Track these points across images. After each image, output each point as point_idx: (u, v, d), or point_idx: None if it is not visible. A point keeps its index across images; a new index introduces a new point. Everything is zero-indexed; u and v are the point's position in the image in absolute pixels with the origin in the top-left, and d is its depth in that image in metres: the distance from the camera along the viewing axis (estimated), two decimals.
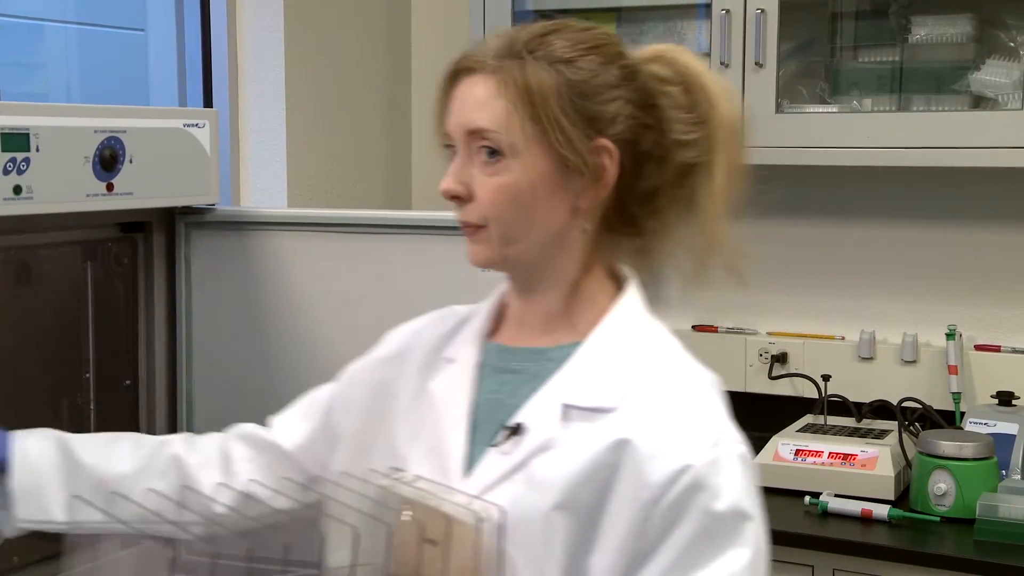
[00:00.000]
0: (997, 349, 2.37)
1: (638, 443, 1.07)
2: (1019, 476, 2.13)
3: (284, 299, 1.55)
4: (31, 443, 1.28)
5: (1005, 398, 2.26)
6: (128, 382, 1.62)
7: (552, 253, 1.15)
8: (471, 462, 1.15)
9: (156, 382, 1.62)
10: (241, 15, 2.55)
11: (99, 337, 1.60)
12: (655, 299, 1.28)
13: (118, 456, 1.30)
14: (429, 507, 1.12)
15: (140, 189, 1.54)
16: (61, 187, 1.44)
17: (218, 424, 1.57)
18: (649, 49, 1.19)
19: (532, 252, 1.14)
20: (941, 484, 2.02)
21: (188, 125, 1.62)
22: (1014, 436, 2.15)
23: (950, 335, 2.36)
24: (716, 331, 2.60)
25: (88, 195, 1.48)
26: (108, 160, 1.49)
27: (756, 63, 2.24)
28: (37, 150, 1.40)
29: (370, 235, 1.51)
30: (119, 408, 1.61)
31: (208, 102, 2.56)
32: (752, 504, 1.08)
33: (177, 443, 1.32)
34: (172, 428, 1.63)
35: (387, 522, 1.12)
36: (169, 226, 1.64)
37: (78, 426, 1.59)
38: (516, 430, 1.13)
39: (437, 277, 1.46)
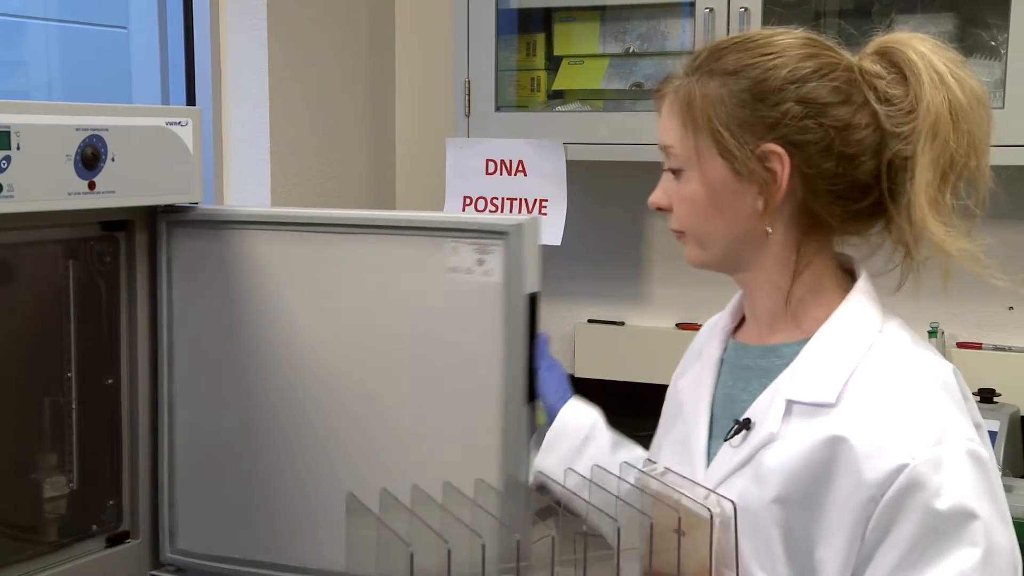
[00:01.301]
0: (979, 346, 2.39)
1: (854, 441, 1.10)
2: (1001, 473, 2.14)
3: (265, 298, 1.55)
4: (579, 407, 1.38)
5: (987, 395, 2.27)
6: (110, 380, 1.61)
7: (749, 255, 1.21)
8: (710, 455, 1.23)
9: (138, 380, 1.62)
10: (224, 13, 2.55)
11: (81, 336, 1.59)
12: (637, 296, 1.32)
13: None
14: (674, 500, 1.17)
15: (122, 188, 1.53)
16: (42, 185, 1.43)
17: (200, 425, 1.57)
18: (874, 41, 1.21)
19: (728, 255, 1.22)
20: None
21: (171, 123, 1.61)
22: (995, 433, 2.16)
23: (932, 333, 2.37)
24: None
25: (70, 193, 1.47)
26: (90, 158, 1.48)
27: None
28: (18, 148, 1.39)
29: (352, 235, 1.51)
30: (101, 406, 1.61)
31: (191, 100, 2.56)
32: (982, 502, 1.08)
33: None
34: (154, 427, 1.63)
35: (640, 511, 1.17)
36: (151, 225, 1.63)
37: (60, 424, 1.58)
38: (745, 425, 1.19)
39: (417, 277, 1.46)
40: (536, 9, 2.54)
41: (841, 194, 1.17)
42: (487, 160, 2.51)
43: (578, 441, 1.35)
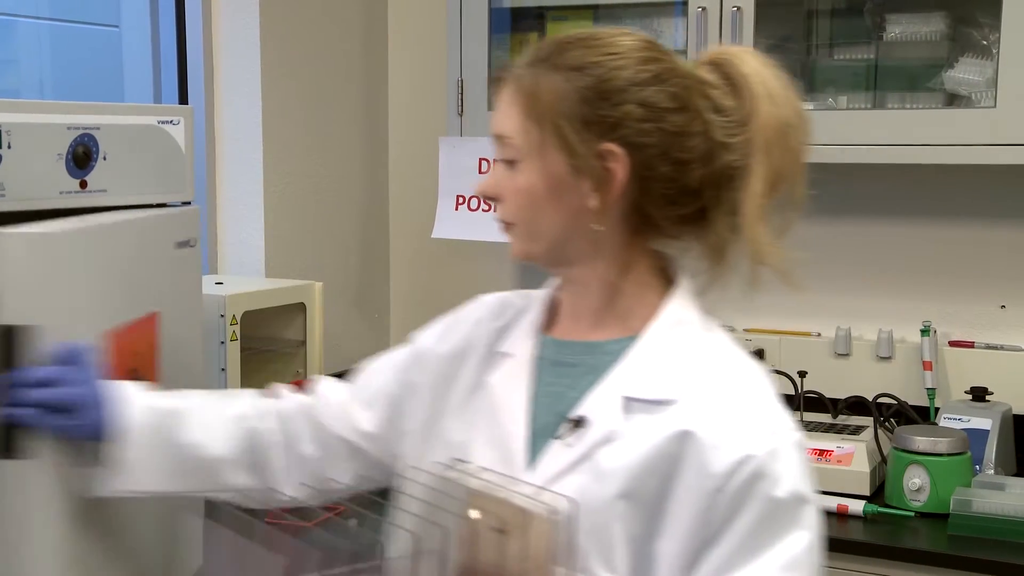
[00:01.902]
0: (971, 345, 2.39)
1: (700, 434, 1.12)
2: (992, 471, 2.14)
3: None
4: (136, 414, 1.31)
5: (979, 394, 2.28)
6: None
7: (577, 251, 1.20)
8: (533, 454, 1.19)
9: None
10: (217, 11, 2.54)
11: None
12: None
13: (216, 440, 1.34)
14: (498, 498, 1.14)
15: (114, 187, 1.53)
16: (34, 184, 1.43)
17: None
18: (708, 52, 1.22)
19: (556, 249, 1.20)
20: (916, 479, 2.03)
21: (163, 122, 1.61)
22: (988, 431, 2.17)
23: (925, 331, 2.38)
24: None
25: (61, 192, 1.47)
26: (81, 157, 1.48)
27: None
28: (9, 147, 1.39)
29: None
30: None
31: (183, 99, 2.55)
32: (808, 488, 1.14)
33: (252, 417, 1.37)
34: None
35: (452, 512, 1.14)
36: None
37: None
38: (579, 422, 1.18)
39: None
40: (529, 8, 2.54)
41: (672, 198, 1.18)
42: (480, 159, 2.51)
43: (157, 442, 1.32)
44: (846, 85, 2.33)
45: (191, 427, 1.33)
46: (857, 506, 2.02)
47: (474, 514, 1.14)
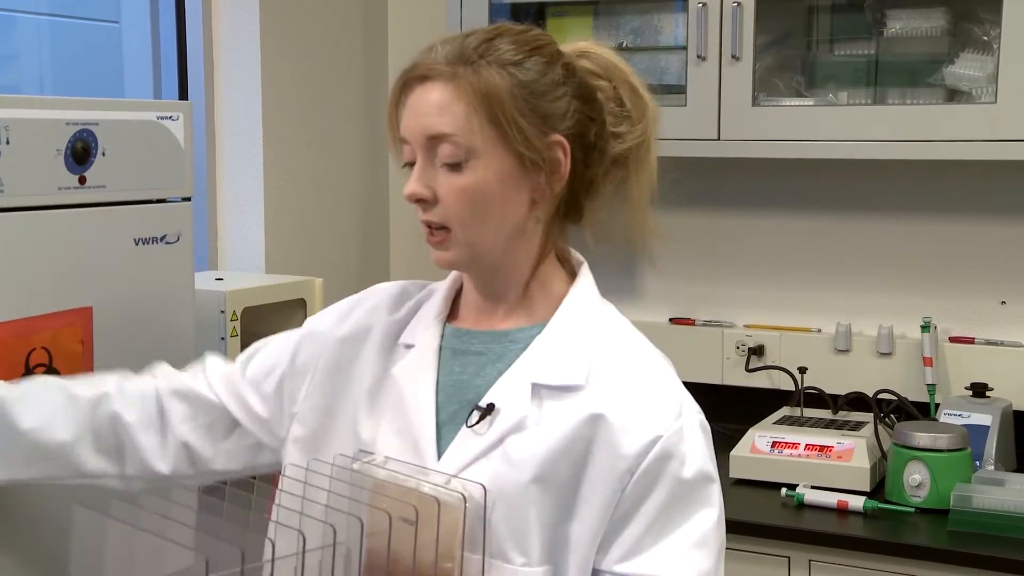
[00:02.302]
0: (971, 341, 2.39)
1: (610, 417, 1.15)
2: (993, 467, 2.14)
3: None
4: None
5: (979, 390, 2.28)
6: None
7: (513, 246, 1.21)
8: (440, 443, 1.20)
9: None
10: (217, 6, 2.54)
11: None
12: (630, 291, 1.32)
13: (57, 423, 1.31)
14: (407, 488, 1.14)
15: (113, 182, 1.53)
16: (33, 180, 1.43)
17: None
18: (573, 45, 1.25)
19: (494, 249, 1.20)
20: (916, 475, 2.03)
21: (162, 118, 1.61)
22: (988, 427, 2.17)
23: (925, 327, 2.38)
24: (693, 324, 2.61)
25: (60, 188, 1.47)
26: (80, 153, 1.48)
27: (733, 56, 2.24)
28: (8, 143, 1.39)
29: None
30: None
31: (183, 95, 2.55)
32: (713, 467, 1.19)
33: (114, 399, 1.33)
34: None
35: (362, 503, 1.14)
36: None
37: None
38: (488, 410, 1.18)
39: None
40: (529, 3, 2.54)
41: (587, 187, 1.23)
42: None
43: None
44: (846, 81, 2.32)
45: (30, 413, 1.30)
46: (857, 502, 2.02)
47: (382, 505, 1.13)
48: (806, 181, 2.51)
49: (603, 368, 1.18)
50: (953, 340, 2.40)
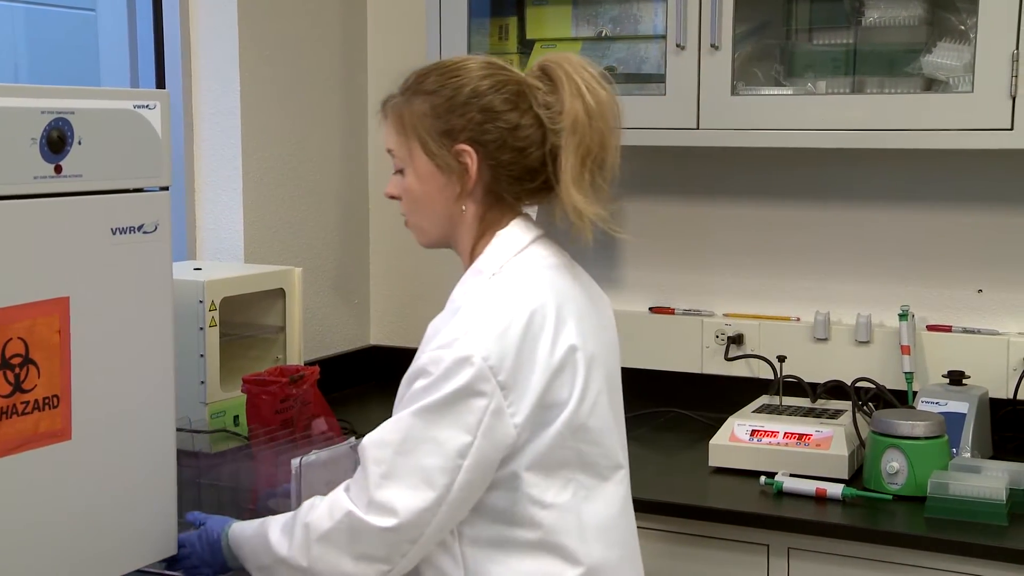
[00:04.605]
0: (948, 329, 2.40)
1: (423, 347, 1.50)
2: (969, 454, 2.16)
3: None
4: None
5: (956, 377, 2.29)
6: None
7: (455, 229, 1.57)
8: None
9: None
10: None
11: None
12: (610, 280, 1.44)
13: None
14: None
15: (89, 172, 1.52)
16: (7, 169, 1.41)
17: None
18: (539, 59, 1.57)
19: (438, 231, 1.59)
20: (894, 463, 2.04)
21: (139, 106, 1.59)
22: (964, 415, 2.18)
23: (903, 316, 2.39)
24: (673, 313, 2.61)
25: (36, 177, 1.45)
26: (56, 142, 1.47)
27: (712, 45, 2.24)
28: None
29: None
30: None
31: (161, 83, 2.53)
32: (433, 376, 1.44)
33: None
34: None
35: None
36: None
37: None
38: None
39: None
40: None
41: (517, 177, 1.54)
42: None
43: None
44: (825, 70, 2.33)
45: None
46: (836, 489, 2.03)
47: None
48: (785, 170, 2.51)
49: (449, 315, 1.50)
50: (931, 328, 2.41)
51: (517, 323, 1.45)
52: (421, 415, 1.43)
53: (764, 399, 2.38)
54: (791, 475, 2.08)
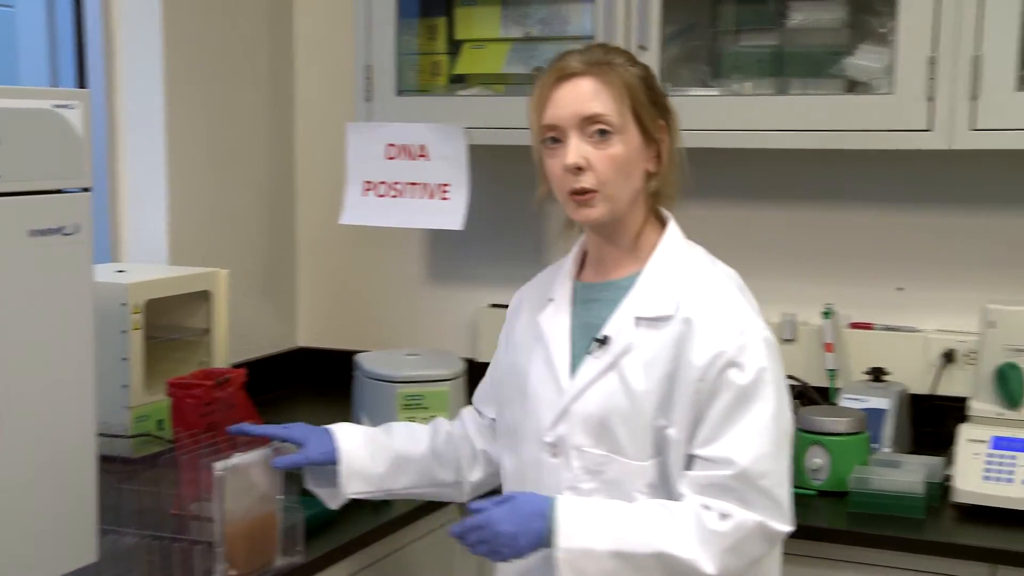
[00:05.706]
0: (870, 327, 2.45)
1: (689, 338, 1.51)
2: (889, 449, 2.20)
3: None
4: (348, 435, 1.75)
5: (877, 374, 2.34)
6: None
7: (633, 207, 1.59)
8: (574, 369, 1.59)
9: None
10: None
11: None
12: None
13: (417, 442, 1.79)
14: None
15: (8, 173, 1.48)
16: None
17: None
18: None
19: (623, 207, 1.57)
20: (817, 459, 2.08)
21: (59, 106, 1.56)
22: (885, 411, 2.23)
23: (826, 314, 2.43)
24: None
25: None
26: None
27: (640, 46, 2.26)
28: None
29: None
30: None
31: (82, 81, 2.49)
32: (772, 371, 1.51)
33: (442, 424, 1.82)
34: None
35: None
36: None
37: None
38: (604, 341, 1.57)
39: None
40: None
41: (669, 159, 1.61)
42: (388, 144, 2.49)
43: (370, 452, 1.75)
44: (751, 71, 2.36)
45: (397, 436, 1.78)
46: None
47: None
48: (710, 170, 2.52)
49: (686, 300, 1.54)
50: (853, 326, 2.46)
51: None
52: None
53: None
54: None
